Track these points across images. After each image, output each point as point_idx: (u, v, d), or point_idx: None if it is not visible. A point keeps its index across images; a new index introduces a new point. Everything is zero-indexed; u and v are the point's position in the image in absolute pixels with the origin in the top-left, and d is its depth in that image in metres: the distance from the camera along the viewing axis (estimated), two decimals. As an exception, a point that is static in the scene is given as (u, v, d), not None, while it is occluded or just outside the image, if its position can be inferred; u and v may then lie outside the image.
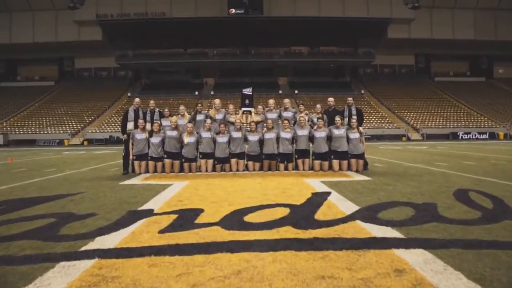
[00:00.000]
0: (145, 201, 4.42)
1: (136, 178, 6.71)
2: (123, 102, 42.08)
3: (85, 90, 45.74)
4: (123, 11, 41.39)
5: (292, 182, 5.95)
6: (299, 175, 6.90)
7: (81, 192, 5.18)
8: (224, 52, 45.78)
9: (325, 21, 41.27)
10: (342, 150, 7.29)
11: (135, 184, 5.94)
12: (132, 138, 7.37)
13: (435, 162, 9.46)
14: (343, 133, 7.30)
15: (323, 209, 3.84)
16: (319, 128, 7.41)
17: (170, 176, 6.92)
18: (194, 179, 6.50)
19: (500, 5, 43.75)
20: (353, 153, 7.32)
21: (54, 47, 44.46)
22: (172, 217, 3.51)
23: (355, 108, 7.93)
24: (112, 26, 41.80)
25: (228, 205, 4.10)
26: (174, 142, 7.32)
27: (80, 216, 3.62)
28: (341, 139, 7.28)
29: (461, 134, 33.18)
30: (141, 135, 7.35)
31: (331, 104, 8.06)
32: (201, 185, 5.76)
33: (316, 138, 7.36)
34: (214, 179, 6.43)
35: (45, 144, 32.20)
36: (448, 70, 51.97)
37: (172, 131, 7.35)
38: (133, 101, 7.93)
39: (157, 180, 6.35)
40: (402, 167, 8.33)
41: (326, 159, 7.37)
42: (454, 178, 6.24)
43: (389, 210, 3.77)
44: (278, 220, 3.37)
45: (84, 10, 40.68)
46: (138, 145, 7.33)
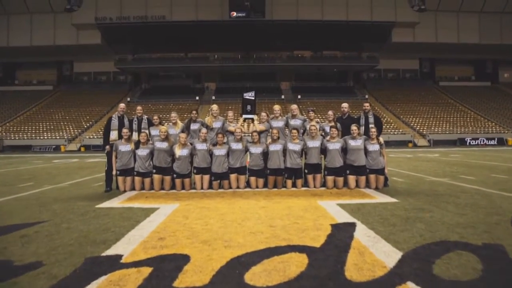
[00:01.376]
0: (117, 237, 3.40)
1: (118, 198, 5.70)
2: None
3: (84, 94, 44.96)
4: (123, 14, 40.71)
5: (304, 205, 4.92)
6: (310, 194, 5.87)
7: (42, 221, 4.16)
8: (226, 56, 44.91)
9: (328, 25, 40.55)
10: (360, 164, 6.26)
11: (113, 208, 4.91)
12: (116, 150, 6.36)
13: (459, 175, 8.41)
14: (360, 145, 6.27)
15: (353, 256, 2.80)
16: (333, 138, 6.38)
17: (158, 196, 5.89)
18: (186, 200, 5.47)
19: (506, 8, 42.95)
20: (372, 168, 6.28)
21: (53, 50, 43.74)
22: (144, 274, 2.48)
23: (372, 115, 6.88)
24: (111, 30, 41.07)
25: (223, 247, 3.07)
26: (164, 155, 6.31)
27: (16, 270, 2.59)
28: (358, 151, 6.25)
29: (469, 140, 32.06)
30: (126, 147, 6.33)
31: (346, 110, 7.00)
32: (193, 210, 4.74)
33: (329, 151, 6.33)
34: (210, 201, 5.40)
35: (40, 150, 31.19)
36: (453, 74, 51.25)
37: (161, 142, 6.33)
38: (118, 107, 6.87)
39: (141, 202, 5.33)
40: (426, 182, 7.29)
41: (340, 175, 6.34)
42: (498, 199, 5.20)
43: (445, 258, 2.73)
44: (293, 281, 2.34)
45: (82, 13, 39.90)
46: (122, 158, 6.32)
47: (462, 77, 50.87)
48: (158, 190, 6.34)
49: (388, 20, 41.13)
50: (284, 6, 40.16)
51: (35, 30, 42.46)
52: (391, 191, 6.03)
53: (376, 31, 41.70)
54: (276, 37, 40.96)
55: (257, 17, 38.70)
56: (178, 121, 6.86)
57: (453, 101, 43.32)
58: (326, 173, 6.40)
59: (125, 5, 40.76)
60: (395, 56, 46.73)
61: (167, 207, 4.91)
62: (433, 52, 46.77)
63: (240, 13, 38.46)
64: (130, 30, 40.93)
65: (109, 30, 41.18)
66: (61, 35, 42.18)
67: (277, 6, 39.90)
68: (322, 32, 41.34)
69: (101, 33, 41.75)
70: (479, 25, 43.71)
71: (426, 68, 50.91)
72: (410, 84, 48.22)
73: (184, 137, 6.32)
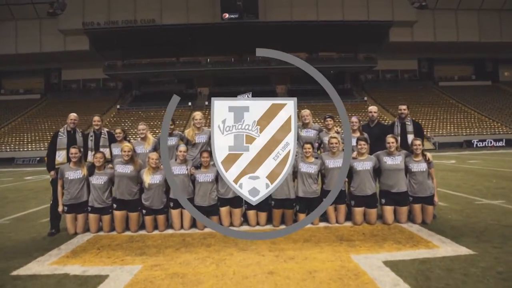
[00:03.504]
0: None
1: (57, 251, 3.91)
2: (111, 115, 39.37)
3: (72, 103, 43.10)
4: (111, 19, 39.36)
5: (333, 267, 3.16)
6: (335, 237, 4.11)
7: None
8: (218, 60, 43.40)
9: (324, 25, 39.43)
10: (399, 190, 4.52)
11: (36, 279, 3.13)
12: (62, 178, 4.59)
13: (509, 193, 6.72)
14: (400, 163, 4.54)
15: None
16: (361, 155, 4.64)
17: (117, 245, 4.09)
18: (153, 256, 3.68)
19: (505, 5, 42.10)
20: (416, 195, 4.54)
21: (40, 58, 42.17)
22: None
23: (411, 121, 5.15)
24: (99, 35, 39.61)
25: None
26: (128, 183, 4.54)
27: None
28: (398, 172, 4.52)
29: (476, 142, 30.57)
30: (76, 173, 4.55)
31: (374, 116, 5.25)
32: (161, 279, 2.98)
33: (357, 172, 4.60)
34: (189, 256, 3.62)
35: (23, 163, 29.32)
36: (452, 74, 50.39)
37: (125, 165, 4.56)
38: (68, 117, 5.05)
39: (85, 262, 3.54)
40: (480, 208, 5.53)
41: (373, 205, 4.59)
42: None
43: None
44: None
45: (69, 18, 38.51)
46: (71, 189, 4.54)
47: (462, 77, 49.83)
48: (121, 231, 4.56)
49: (385, 19, 40.06)
50: (278, 7, 38.85)
51: (20, 37, 40.97)
52: (447, 229, 4.30)
53: (373, 31, 40.76)
54: (270, 39, 39.46)
55: (250, 18, 37.32)
56: (149, 135, 5.03)
57: (455, 101, 42.08)
58: (353, 203, 4.64)
59: (113, 9, 39.35)
60: (393, 57, 45.65)
61: (121, 275, 3.14)
62: (432, 52, 45.79)
63: (233, 15, 37.04)
64: (119, 35, 39.56)
65: (97, 36, 39.69)
66: (47, 42, 40.63)
67: (271, 7, 38.58)
68: (317, 33, 40.33)
69: (89, 39, 40.25)
70: (478, 23, 42.83)
71: (425, 68, 49.96)
72: (409, 84, 47.13)
73: (156, 157, 4.54)
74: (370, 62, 43.81)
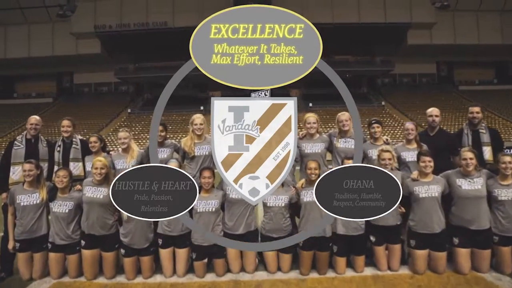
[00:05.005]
0: None
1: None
2: (122, 119, 38.87)
3: (84, 107, 43.44)
4: (123, 22, 39.63)
5: None
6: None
7: None
8: (232, 63, 42.81)
9: (339, 28, 38.49)
10: (480, 227, 3.18)
11: None
12: (12, 203, 3.39)
13: None
14: (481, 188, 3.20)
15: None
16: (424, 176, 3.31)
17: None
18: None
19: (529, 6, 40.72)
20: (504, 234, 3.20)
21: (52, 61, 42.44)
22: None
23: (486, 128, 3.77)
24: (111, 38, 39.61)
25: None
26: (100, 212, 3.31)
27: None
28: (478, 202, 3.18)
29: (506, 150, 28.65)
30: (31, 197, 3.34)
31: (436, 121, 3.91)
32: None
33: (420, 200, 3.26)
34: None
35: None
36: (473, 78, 49.23)
37: (97, 186, 3.35)
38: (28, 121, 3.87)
39: None
40: None
41: (442, 248, 3.23)
42: None
43: None
44: None
45: (81, 22, 38.76)
46: (25, 218, 3.32)
47: (483, 81, 48.34)
48: (91, 278, 3.32)
49: (403, 21, 39.28)
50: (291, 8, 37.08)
51: (33, 40, 41.36)
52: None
53: (390, 33, 39.96)
54: (284, 41, 38.78)
55: (264, 21, 36.48)
56: (133, 145, 3.79)
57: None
58: (414, 243, 3.28)
59: (125, 12, 39.41)
60: (411, 60, 44.40)
61: None
62: (451, 55, 44.57)
63: (246, 16, 36.31)
64: (131, 38, 39.47)
65: (109, 39, 39.67)
66: (60, 45, 40.88)
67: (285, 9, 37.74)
68: (332, 35, 38.94)
69: (101, 42, 40.29)
70: (500, 25, 41.45)
71: (444, 72, 48.76)
72: (428, 89, 45.72)
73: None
74: (387, 65, 42.80)
